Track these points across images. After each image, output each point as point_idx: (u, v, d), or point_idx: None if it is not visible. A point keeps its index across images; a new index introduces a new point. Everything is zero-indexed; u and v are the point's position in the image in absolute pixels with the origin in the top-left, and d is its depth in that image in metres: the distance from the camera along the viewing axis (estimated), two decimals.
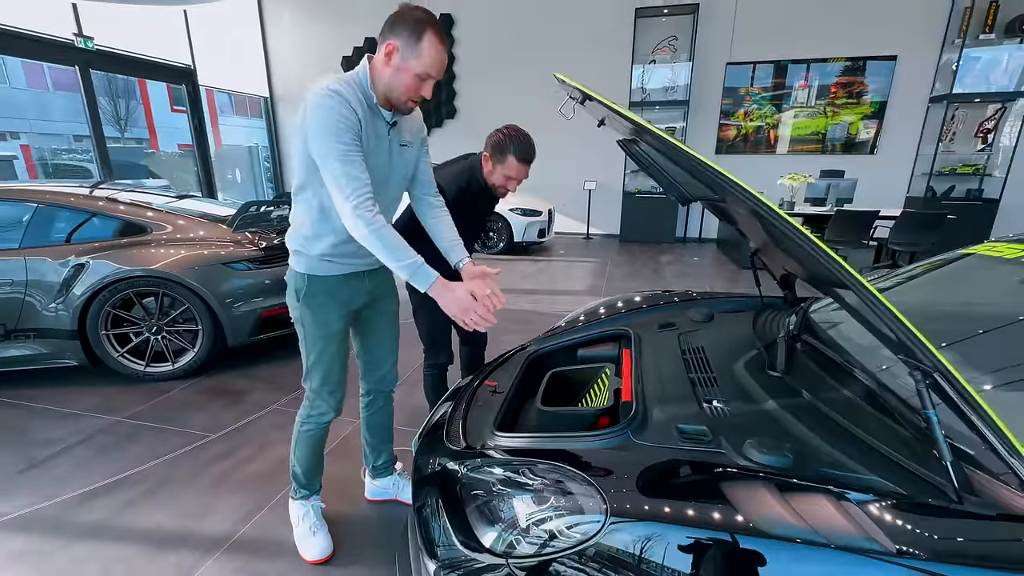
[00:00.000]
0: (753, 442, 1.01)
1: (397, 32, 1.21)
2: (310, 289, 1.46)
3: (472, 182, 1.82)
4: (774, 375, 1.33)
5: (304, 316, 1.49)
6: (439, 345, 2.08)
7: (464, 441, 1.36)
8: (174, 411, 2.60)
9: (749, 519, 0.80)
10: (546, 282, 5.22)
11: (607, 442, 1.17)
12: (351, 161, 1.23)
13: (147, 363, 2.95)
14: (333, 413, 1.64)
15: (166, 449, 2.27)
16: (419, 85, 1.27)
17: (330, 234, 1.41)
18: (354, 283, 1.53)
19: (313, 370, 1.55)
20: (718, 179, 0.87)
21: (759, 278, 1.92)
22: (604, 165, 7.90)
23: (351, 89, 1.25)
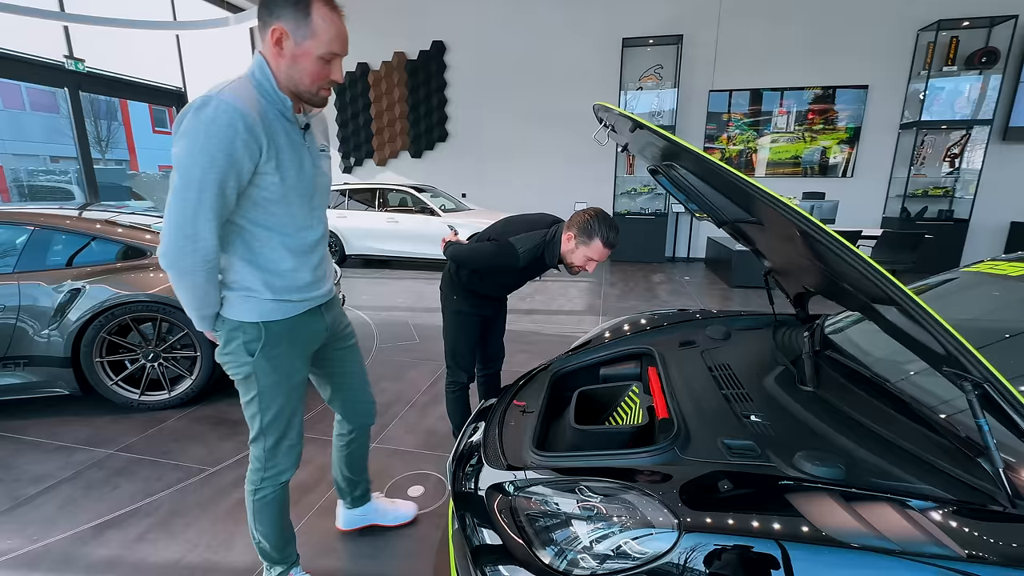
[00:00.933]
0: (804, 455, 1.05)
1: (278, 13, 1.03)
2: (269, 339, 1.24)
3: (548, 256, 1.82)
4: (806, 389, 1.37)
5: (260, 371, 1.26)
6: (462, 363, 2.09)
7: (506, 461, 1.36)
8: (170, 443, 2.47)
9: (821, 529, 0.83)
10: (544, 303, 5.26)
11: (654, 459, 1.19)
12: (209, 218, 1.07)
13: (142, 391, 2.82)
14: (293, 469, 1.42)
15: (161, 485, 2.12)
16: (326, 69, 1.10)
17: (299, 267, 1.25)
18: (313, 321, 1.34)
19: (269, 429, 1.33)
20: (771, 202, 0.92)
21: (772, 296, 1.99)
22: (594, 187, 8.08)
23: (252, 100, 1.05)
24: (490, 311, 2.10)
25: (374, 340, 3.99)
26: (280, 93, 1.10)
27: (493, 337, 2.20)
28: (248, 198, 1.13)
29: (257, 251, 1.19)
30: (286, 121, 1.13)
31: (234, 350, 1.24)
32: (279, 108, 1.11)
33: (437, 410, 2.74)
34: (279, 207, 1.16)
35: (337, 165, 9.16)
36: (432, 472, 2.16)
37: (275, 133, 1.10)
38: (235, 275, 1.20)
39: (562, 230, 1.77)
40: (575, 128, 7.97)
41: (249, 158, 1.06)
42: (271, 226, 1.18)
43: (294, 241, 1.22)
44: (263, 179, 1.11)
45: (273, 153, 1.10)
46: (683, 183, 1.27)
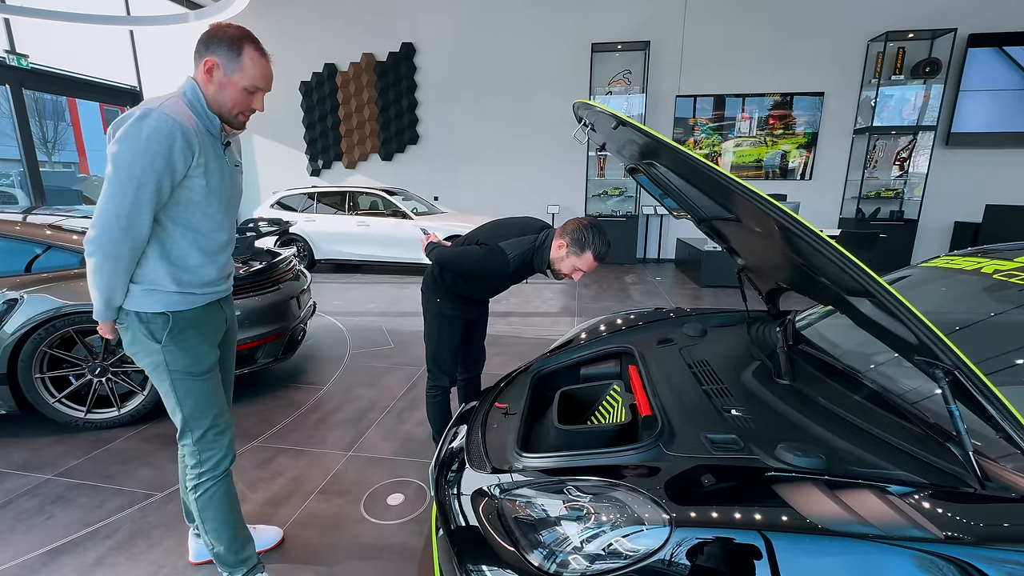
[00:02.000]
0: (785, 446, 1.07)
1: (213, 49, 1.23)
2: (176, 325, 1.32)
3: (537, 261, 1.80)
4: (782, 383, 1.40)
5: (170, 358, 1.33)
6: (444, 366, 2.06)
7: (490, 464, 1.34)
8: (115, 465, 2.25)
9: (807, 517, 0.84)
10: (519, 305, 5.25)
11: (640, 456, 1.19)
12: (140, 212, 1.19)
13: (88, 409, 2.59)
14: (230, 456, 1.45)
15: (101, 514, 1.91)
16: (248, 99, 1.29)
17: (206, 264, 1.36)
18: (215, 312, 1.44)
19: (192, 418, 1.38)
20: (751, 197, 0.94)
21: (745, 293, 2.04)
22: (567, 189, 8.15)
23: (187, 115, 1.22)
24: (473, 314, 2.08)
25: (347, 346, 3.89)
26: (210, 112, 1.28)
27: (475, 340, 2.18)
28: (173, 198, 1.26)
29: (169, 247, 1.30)
30: (211, 136, 1.29)
31: (140, 339, 1.33)
32: (207, 125, 1.28)
33: (414, 416, 2.68)
34: (199, 208, 1.30)
35: (304, 168, 8.94)
36: (412, 479, 2.11)
37: (205, 144, 1.26)
38: (144, 269, 1.29)
39: (553, 236, 1.76)
40: (547, 131, 8.03)
41: (183, 162, 1.21)
42: (189, 224, 1.30)
43: (206, 241, 1.34)
44: (191, 182, 1.26)
45: (203, 160, 1.25)
46: (663, 181, 1.29)
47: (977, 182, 7.09)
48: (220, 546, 1.46)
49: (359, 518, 1.86)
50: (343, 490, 2.04)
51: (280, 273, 3.06)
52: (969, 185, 7.11)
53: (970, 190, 7.07)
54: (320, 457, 2.29)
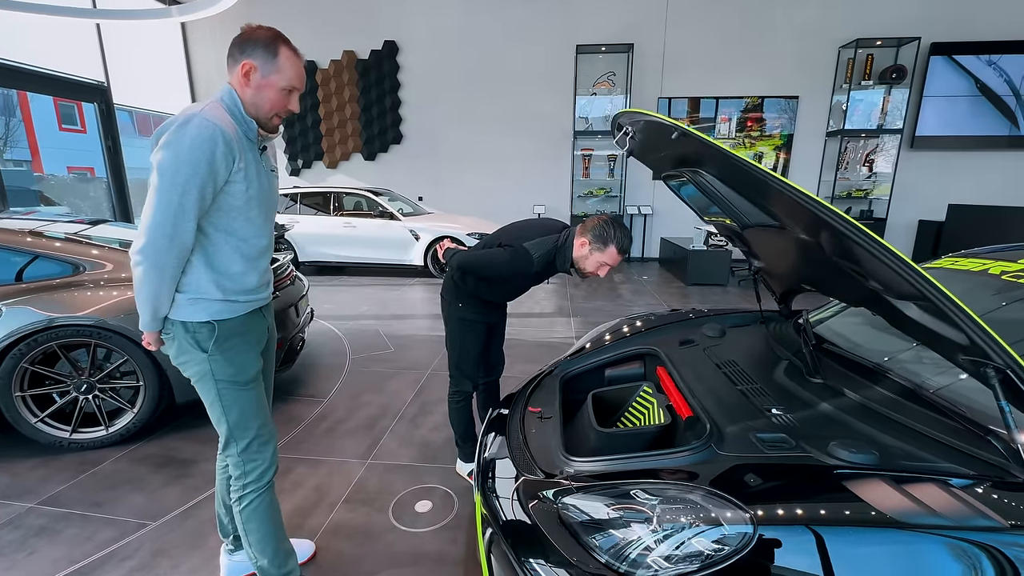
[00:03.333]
0: (838, 443, 1.12)
1: (249, 52, 1.23)
2: (221, 334, 1.32)
3: (560, 261, 1.82)
4: (815, 381, 1.46)
5: (216, 367, 1.32)
6: (467, 371, 2.06)
7: (540, 469, 1.35)
8: (104, 491, 2.08)
9: (886, 512, 0.89)
10: (513, 306, 5.22)
11: (693, 457, 1.23)
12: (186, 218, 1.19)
13: (74, 428, 2.41)
14: (274, 467, 1.44)
15: (90, 547, 1.75)
16: (285, 99, 1.29)
17: (249, 271, 1.35)
18: (258, 320, 1.43)
19: (238, 428, 1.37)
20: (819, 210, 0.98)
21: (759, 294, 2.11)
22: (552, 190, 8.20)
23: (227, 120, 1.22)
24: (495, 318, 2.09)
25: (347, 351, 3.82)
26: (247, 117, 1.27)
27: (495, 344, 2.18)
28: (216, 204, 1.25)
29: (213, 254, 1.28)
30: (249, 141, 1.29)
31: (187, 349, 1.31)
32: (245, 130, 1.27)
33: (428, 420, 2.67)
34: (241, 213, 1.29)
35: (283, 167, 8.70)
36: (437, 485, 2.10)
37: (244, 149, 1.25)
38: (189, 277, 1.28)
39: (574, 235, 1.78)
40: (532, 131, 8.06)
41: (225, 167, 1.20)
42: (232, 231, 1.29)
43: (248, 246, 1.33)
44: (232, 187, 1.25)
45: (242, 165, 1.24)
46: (708, 188, 1.33)
47: (940, 183, 7.50)
48: (264, 559, 1.44)
49: (390, 527, 1.84)
50: (368, 499, 2.01)
51: (278, 280, 2.89)
52: (932, 186, 7.52)
53: (933, 190, 7.47)
54: (339, 466, 2.25)
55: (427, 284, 6.31)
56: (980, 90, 7.13)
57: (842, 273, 1.25)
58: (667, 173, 1.55)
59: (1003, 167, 7.39)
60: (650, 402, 1.69)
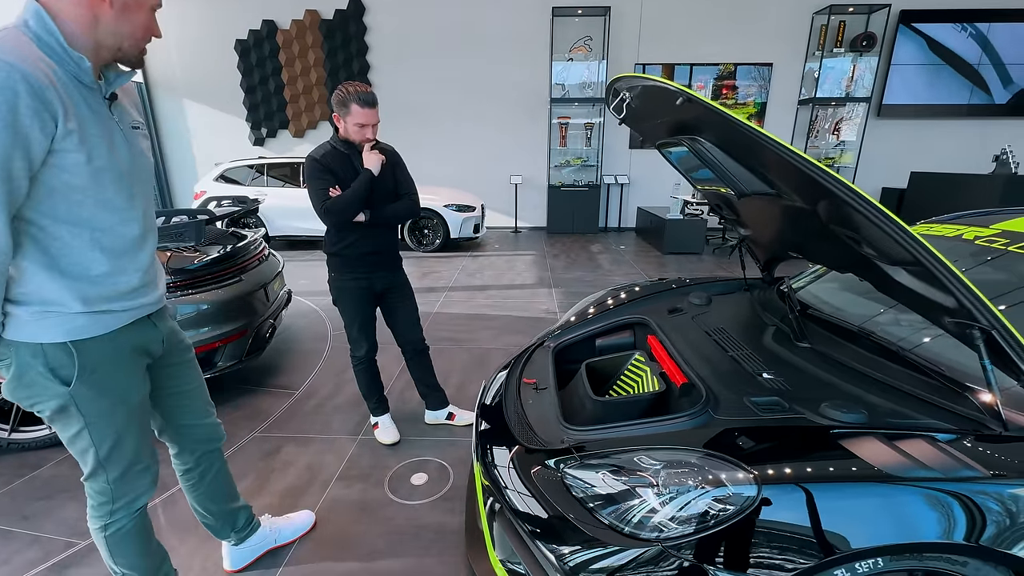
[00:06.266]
0: (829, 404, 1.17)
1: None
2: (84, 362, 1.01)
3: (339, 148, 1.91)
4: (803, 345, 1.52)
5: (81, 400, 1.02)
6: (360, 336, 2.13)
7: (540, 439, 1.37)
8: (37, 500, 1.86)
9: (881, 468, 0.94)
10: (494, 278, 5.24)
11: (692, 423, 1.26)
12: None
13: (12, 427, 2.15)
14: (152, 490, 1.21)
15: (4, 574, 1.55)
16: (153, 20, 0.98)
17: (119, 270, 1.02)
18: (145, 332, 1.13)
19: (111, 461, 1.10)
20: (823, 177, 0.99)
21: (744, 262, 2.15)
22: (529, 159, 8.08)
23: (34, 57, 0.84)
24: (379, 282, 2.09)
25: (328, 328, 3.75)
26: (71, 51, 0.88)
27: (399, 317, 2.21)
28: (44, 185, 0.89)
29: (57, 253, 0.94)
30: (84, 87, 0.92)
31: (34, 381, 0.98)
32: (72, 70, 0.90)
33: (416, 395, 2.65)
34: (88, 195, 0.94)
35: (246, 136, 8.26)
36: (431, 458, 2.12)
37: (73, 100, 0.89)
38: (26, 286, 0.94)
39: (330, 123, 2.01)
40: (507, 98, 7.86)
41: (41, 130, 0.84)
42: (78, 220, 0.94)
43: (111, 238, 1.00)
44: (64, 159, 0.89)
45: (74, 125, 0.88)
46: (706, 156, 1.32)
47: (903, 151, 7.75)
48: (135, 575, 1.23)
49: (387, 501, 1.85)
50: (363, 474, 2.01)
51: (245, 261, 2.71)
52: (896, 154, 7.76)
53: (897, 158, 7.71)
54: (330, 443, 2.24)
55: (408, 257, 6.17)
56: (946, 59, 7.31)
57: (835, 240, 1.28)
58: (662, 141, 1.53)
59: (966, 135, 7.66)
60: (643, 370, 1.72)
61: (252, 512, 1.58)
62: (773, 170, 1.19)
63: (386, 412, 2.31)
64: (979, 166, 6.90)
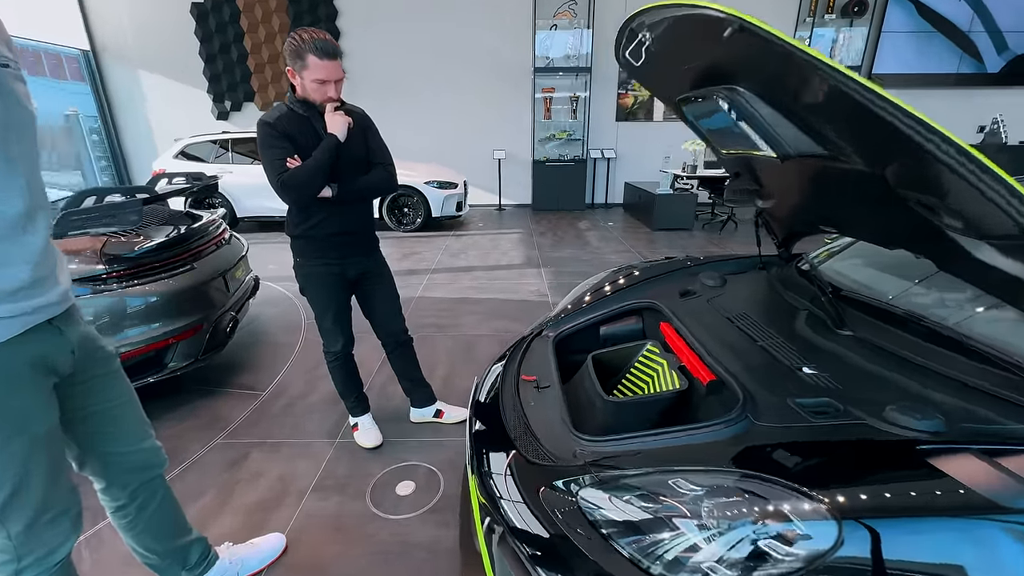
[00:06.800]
0: (896, 408, 0.97)
1: None
2: None
3: (297, 109, 1.61)
4: (845, 334, 1.33)
5: None
6: (334, 329, 1.88)
7: (549, 453, 1.16)
8: None
9: (986, 494, 0.75)
10: (479, 258, 4.99)
11: (728, 431, 1.06)
12: None
13: None
14: (73, 537, 0.98)
15: None
16: None
17: (8, 261, 0.82)
18: (45, 341, 0.90)
19: (9, 511, 0.87)
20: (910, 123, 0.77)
21: (760, 237, 1.95)
22: (512, 134, 7.74)
23: None
24: (352, 267, 1.84)
25: (301, 316, 3.46)
26: None
27: (377, 306, 1.96)
28: None
29: None
30: None
31: None
32: None
33: (399, 390, 2.42)
34: None
35: (209, 110, 7.69)
36: (418, 462, 1.90)
37: None
38: None
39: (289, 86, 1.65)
40: (489, 69, 7.46)
41: None
42: None
43: None
44: None
45: None
46: (745, 110, 1.09)
47: None
48: None
49: (369, 515, 1.64)
50: (342, 484, 1.78)
51: (199, 246, 2.38)
52: None
53: None
54: (304, 449, 2.00)
55: (386, 238, 5.85)
56: (937, 24, 7.14)
57: (896, 209, 1.07)
58: (684, 95, 1.28)
59: (957, 105, 7.56)
60: (658, 363, 1.52)
61: (208, 544, 1.35)
62: (842, 123, 0.97)
63: (366, 411, 2.08)
64: (967, 136, 6.83)
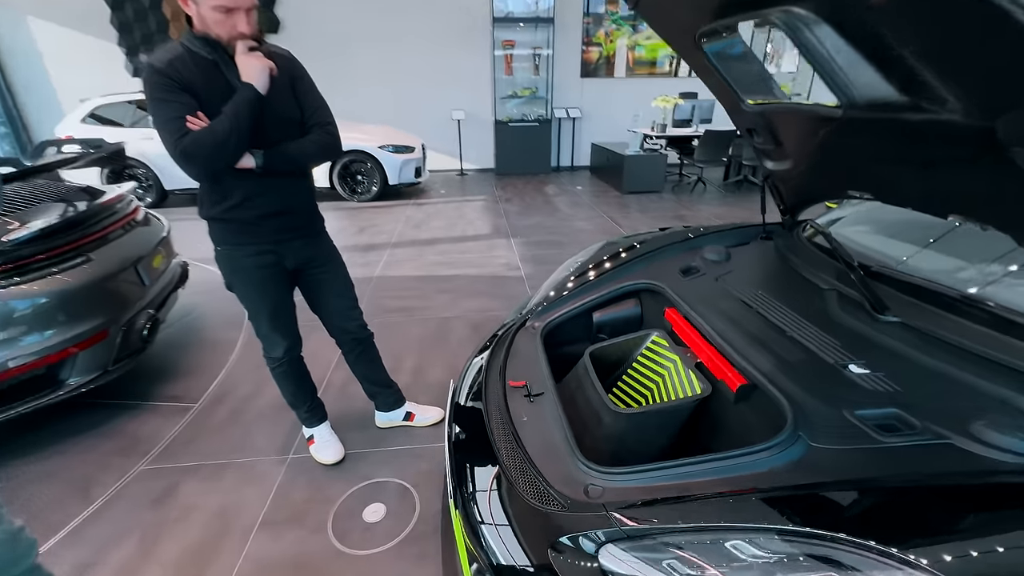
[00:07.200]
0: (987, 423, 0.79)
1: None
2: None
3: (195, 47, 1.22)
4: (890, 320, 1.13)
5: None
6: (273, 332, 1.55)
7: (556, 494, 0.92)
8: None
9: None
10: (443, 229, 4.62)
11: (782, 457, 0.85)
12: None
13: None
14: None
15: None
16: None
17: None
18: None
19: None
20: None
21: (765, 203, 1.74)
22: (470, 92, 7.20)
23: None
24: (291, 255, 1.48)
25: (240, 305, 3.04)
26: None
27: (327, 301, 1.62)
28: None
29: None
30: None
31: None
32: None
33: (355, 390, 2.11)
34: None
35: (122, 66, 6.71)
36: (388, 478, 1.64)
37: None
38: None
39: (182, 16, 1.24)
40: (443, 18, 6.81)
41: None
42: None
43: None
44: None
45: None
46: (806, 39, 0.82)
47: None
48: None
49: (333, 553, 1.37)
50: (298, 514, 1.50)
51: (96, 231, 1.92)
52: None
53: None
54: (249, 470, 1.69)
55: (339, 208, 5.38)
56: None
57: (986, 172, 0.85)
58: (710, 27, 0.99)
59: None
60: (668, 359, 1.29)
61: None
62: (951, 55, 0.71)
63: (323, 420, 1.79)
64: None
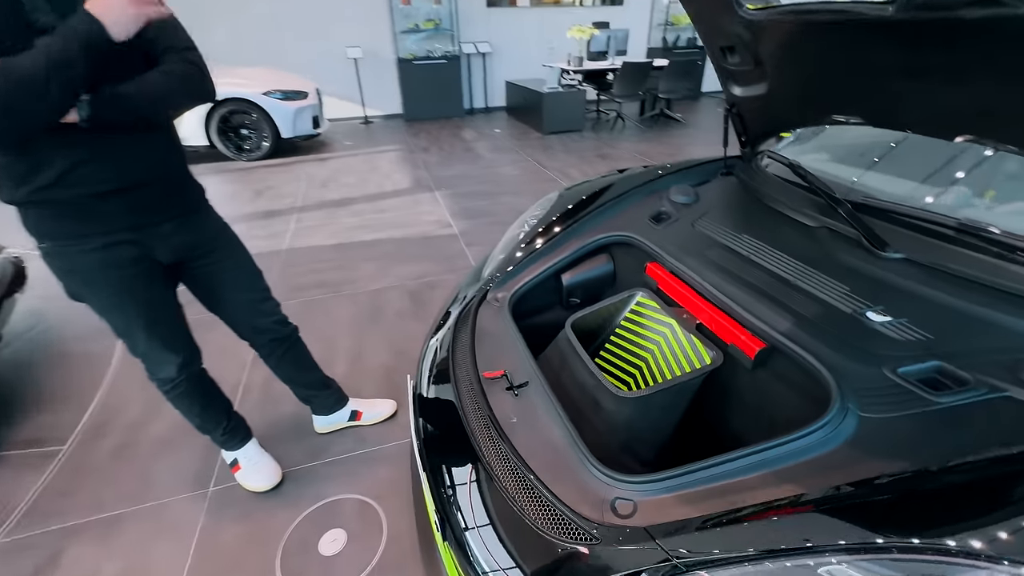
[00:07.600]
0: None
1: None
2: None
3: (60, 7, 0.83)
4: (892, 256, 1.04)
5: None
6: (151, 349, 1.15)
7: (572, 512, 0.73)
8: None
9: None
10: (356, 187, 4.10)
11: (836, 435, 0.73)
12: None
13: None
14: None
15: None
16: None
17: None
18: None
19: None
20: None
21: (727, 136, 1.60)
22: (365, 25, 6.32)
23: None
24: (162, 245, 1.08)
25: None
26: None
27: (225, 293, 1.25)
28: None
29: None
30: None
31: None
32: None
33: (283, 388, 1.77)
34: None
35: None
36: (341, 495, 1.38)
37: None
38: None
39: None
40: None
41: None
42: None
43: None
44: None
45: None
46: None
47: None
48: None
49: None
50: (233, 563, 1.20)
51: None
52: None
53: None
54: (158, 515, 1.33)
55: (224, 171, 4.57)
56: None
57: None
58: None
59: None
60: (664, 323, 1.14)
61: None
62: None
63: (247, 440, 1.45)
64: None
